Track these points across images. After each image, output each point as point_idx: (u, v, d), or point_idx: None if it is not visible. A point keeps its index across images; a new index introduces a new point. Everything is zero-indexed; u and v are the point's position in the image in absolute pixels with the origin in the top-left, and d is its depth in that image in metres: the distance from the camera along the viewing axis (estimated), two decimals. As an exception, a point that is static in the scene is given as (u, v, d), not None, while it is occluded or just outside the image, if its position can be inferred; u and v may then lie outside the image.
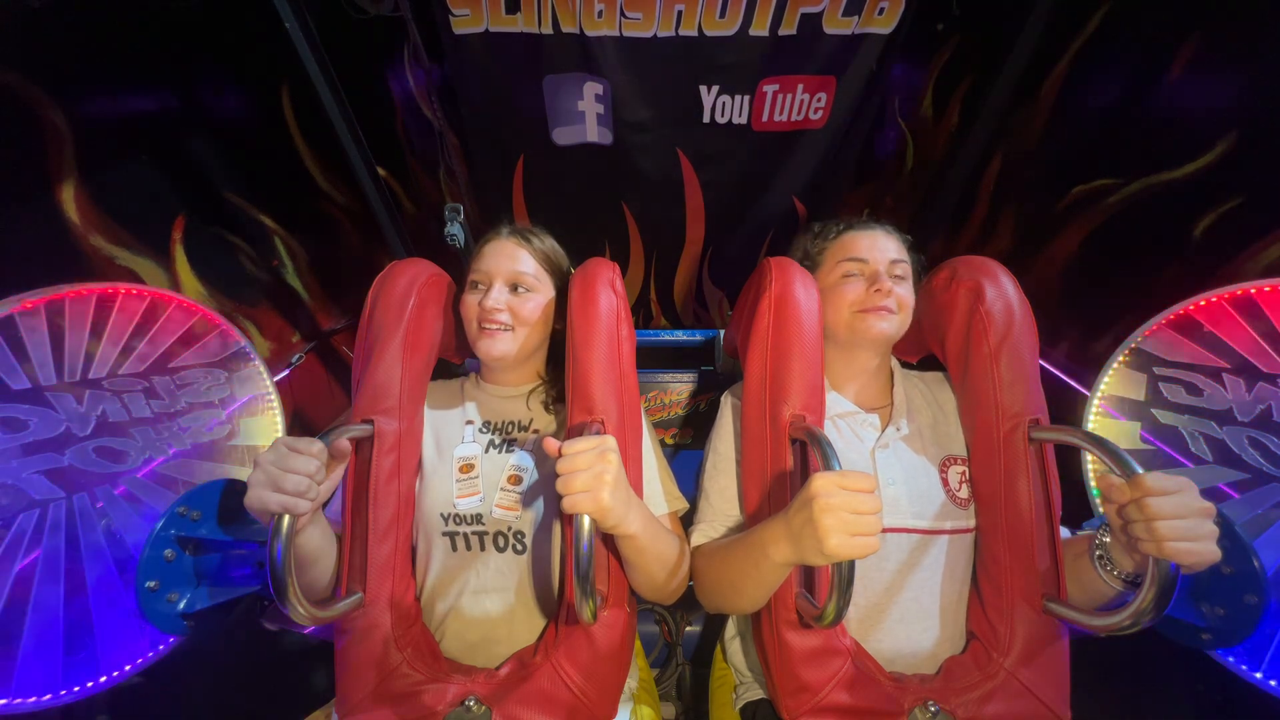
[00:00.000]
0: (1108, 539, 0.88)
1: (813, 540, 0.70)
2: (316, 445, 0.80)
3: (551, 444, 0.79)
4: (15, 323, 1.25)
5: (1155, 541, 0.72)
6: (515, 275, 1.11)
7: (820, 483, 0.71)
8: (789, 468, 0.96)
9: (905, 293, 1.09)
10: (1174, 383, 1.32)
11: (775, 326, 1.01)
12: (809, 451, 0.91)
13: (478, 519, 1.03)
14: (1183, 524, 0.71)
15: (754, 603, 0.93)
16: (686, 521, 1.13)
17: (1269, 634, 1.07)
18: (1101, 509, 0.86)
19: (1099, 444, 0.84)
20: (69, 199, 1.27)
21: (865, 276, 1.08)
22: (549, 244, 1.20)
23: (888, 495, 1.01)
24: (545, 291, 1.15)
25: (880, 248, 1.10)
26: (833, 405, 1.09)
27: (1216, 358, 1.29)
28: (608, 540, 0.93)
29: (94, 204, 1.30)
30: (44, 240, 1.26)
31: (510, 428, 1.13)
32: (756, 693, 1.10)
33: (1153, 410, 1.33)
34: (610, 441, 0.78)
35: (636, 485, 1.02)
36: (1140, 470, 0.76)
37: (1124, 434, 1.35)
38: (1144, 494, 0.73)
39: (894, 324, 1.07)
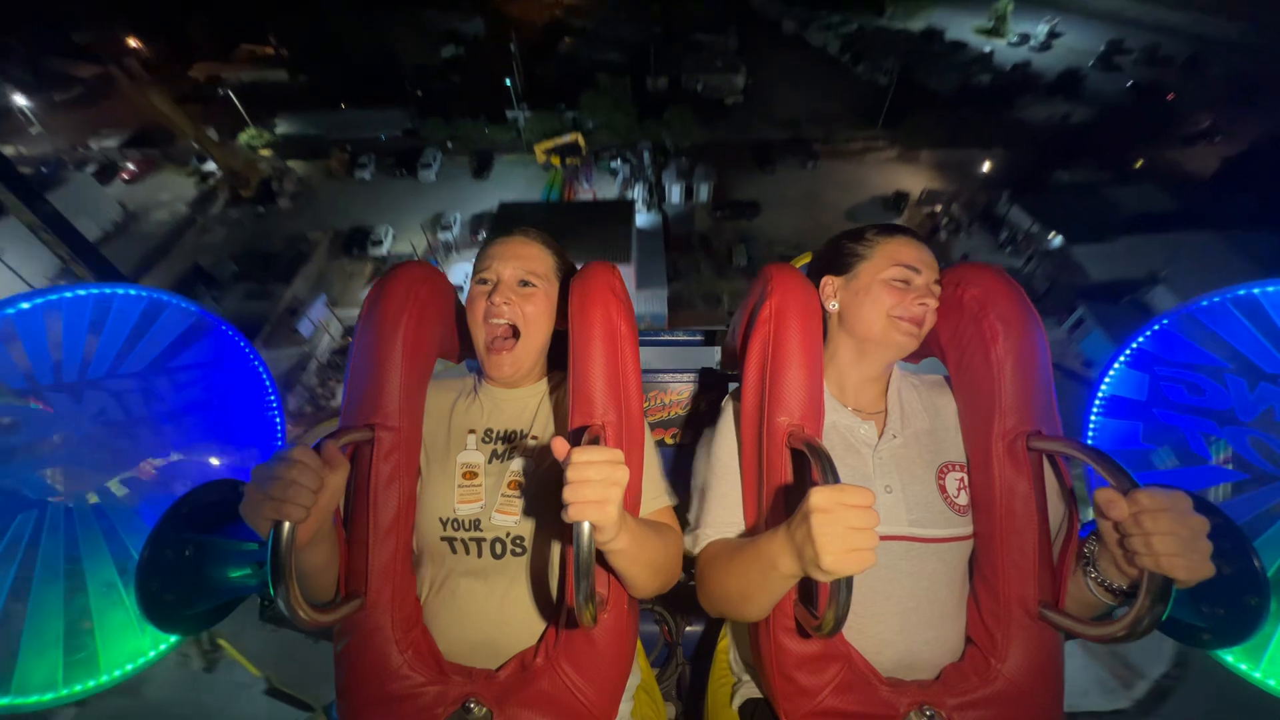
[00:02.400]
0: (1095, 548, 0.88)
1: (810, 555, 0.71)
2: (310, 454, 0.80)
3: (561, 445, 0.79)
4: (13, 324, 1.25)
5: (1153, 556, 0.73)
6: (523, 272, 1.10)
7: (817, 498, 0.72)
8: (786, 478, 0.95)
9: (934, 314, 1.08)
10: (1175, 383, 1.32)
11: (775, 335, 1.00)
12: (809, 462, 0.91)
13: (475, 524, 1.03)
14: (1179, 539, 0.72)
15: (762, 611, 0.92)
16: (683, 516, 1.13)
17: (1269, 634, 1.08)
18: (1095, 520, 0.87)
19: (1097, 456, 0.84)
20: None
21: (914, 286, 1.06)
22: (555, 244, 1.19)
23: (886, 502, 1.00)
24: (551, 289, 1.15)
25: (929, 264, 1.09)
26: (830, 411, 1.08)
27: (1218, 358, 1.29)
28: None
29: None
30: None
31: (513, 435, 1.13)
32: (755, 691, 1.10)
33: (1154, 410, 1.33)
34: (619, 455, 0.77)
35: (636, 489, 1.02)
36: (1138, 485, 0.76)
37: (1124, 434, 1.35)
38: (1140, 510, 0.74)
39: (917, 337, 1.07)
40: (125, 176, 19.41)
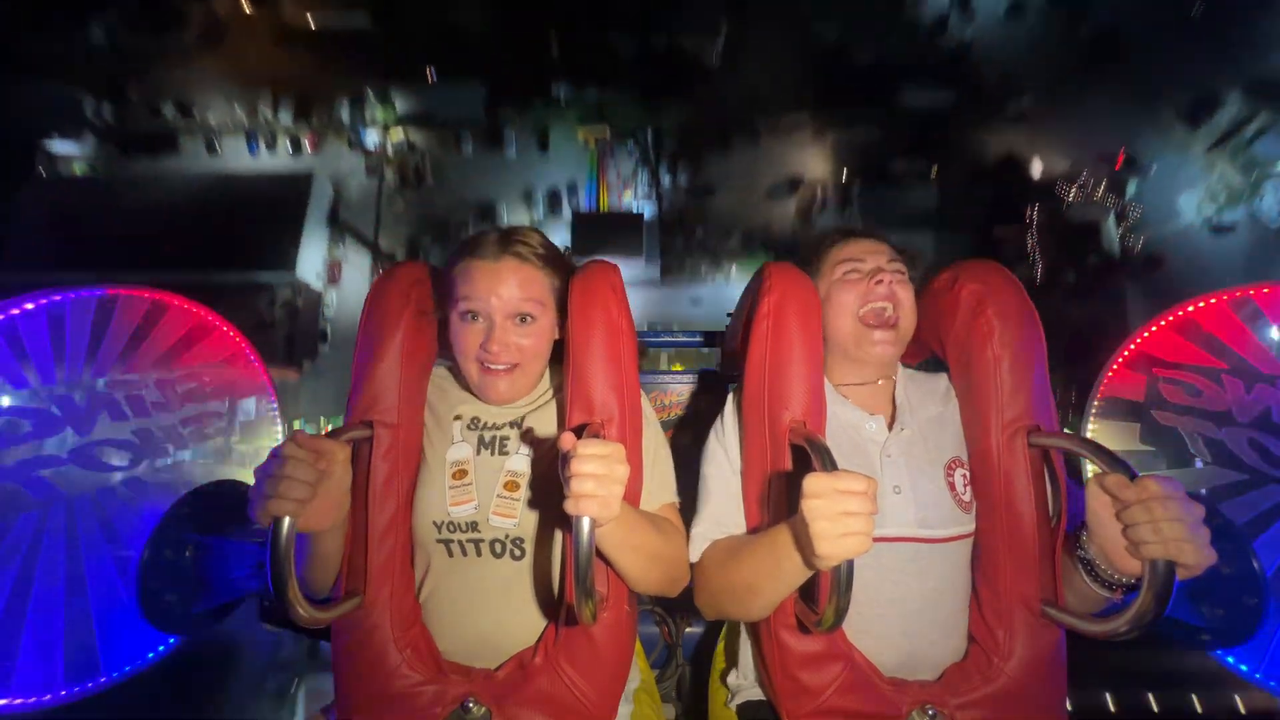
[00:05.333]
0: (1085, 538, 0.88)
1: (807, 543, 0.71)
2: (298, 447, 0.81)
3: (569, 438, 0.78)
4: (16, 325, 1.25)
5: (1163, 543, 0.72)
6: (520, 301, 0.99)
7: (810, 485, 0.72)
8: (789, 473, 0.95)
9: (906, 294, 1.07)
10: (1173, 384, 1.33)
11: (774, 331, 1.01)
12: (810, 457, 0.91)
13: (473, 526, 1.02)
14: (1185, 525, 0.72)
15: (767, 606, 0.92)
16: (685, 516, 1.12)
17: (1268, 634, 1.07)
18: (1086, 515, 0.87)
19: (1097, 450, 0.84)
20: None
21: (866, 272, 1.06)
22: (546, 248, 1.07)
23: (895, 503, 1.00)
24: (551, 309, 1.05)
25: (873, 250, 1.09)
26: (836, 409, 1.08)
27: (1216, 359, 1.29)
28: None
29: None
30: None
31: (502, 426, 1.11)
32: (756, 694, 1.09)
33: (1152, 411, 1.33)
34: (622, 451, 0.78)
35: (635, 484, 1.01)
36: (1139, 476, 0.76)
37: (1123, 435, 1.35)
38: (1150, 497, 0.74)
39: (896, 342, 1.05)
40: (310, 149, 21.89)
